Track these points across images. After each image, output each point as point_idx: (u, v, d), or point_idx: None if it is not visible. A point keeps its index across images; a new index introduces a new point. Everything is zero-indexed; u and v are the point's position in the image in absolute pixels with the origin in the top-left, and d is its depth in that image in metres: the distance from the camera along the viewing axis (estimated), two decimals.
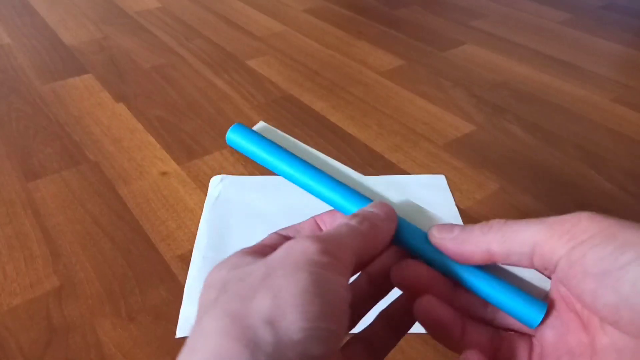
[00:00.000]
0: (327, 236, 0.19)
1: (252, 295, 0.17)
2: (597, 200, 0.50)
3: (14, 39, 0.83)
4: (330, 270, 0.17)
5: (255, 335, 0.15)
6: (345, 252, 0.19)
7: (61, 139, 0.58)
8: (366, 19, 0.93)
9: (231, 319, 0.16)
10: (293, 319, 0.16)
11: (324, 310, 0.16)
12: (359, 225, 0.20)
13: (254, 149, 0.24)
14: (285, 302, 0.16)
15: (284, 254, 0.18)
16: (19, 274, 0.42)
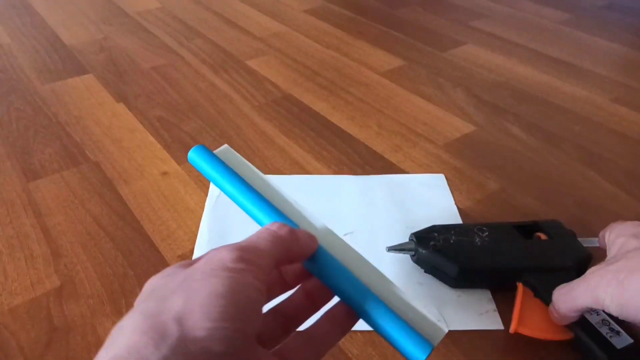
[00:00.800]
0: (245, 244, 0.21)
1: (168, 296, 0.19)
2: (597, 200, 0.50)
3: (14, 39, 0.83)
4: (243, 275, 0.19)
5: (164, 330, 0.17)
6: (261, 257, 0.21)
7: (61, 139, 0.58)
8: (366, 19, 0.93)
9: (144, 317, 0.18)
10: (198, 317, 0.17)
11: (228, 311, 0.18)
12: (277, 229, 0.23)
13: (209, 172, 0.27)
14: (194, 302, 0.18)
15: (204, 261, 0.20)
16: (19, 274, 0.42)
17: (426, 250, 0.39)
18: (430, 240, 0.40)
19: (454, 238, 0.39)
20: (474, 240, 0.39)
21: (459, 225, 0.42)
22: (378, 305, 0.22)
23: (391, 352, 0.36)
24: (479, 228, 0.41)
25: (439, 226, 0.41)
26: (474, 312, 0.38)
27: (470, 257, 0.38)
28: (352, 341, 0.37)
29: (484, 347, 0.36)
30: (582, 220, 0.48)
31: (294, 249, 0.23)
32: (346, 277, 0.24)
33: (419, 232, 0.41)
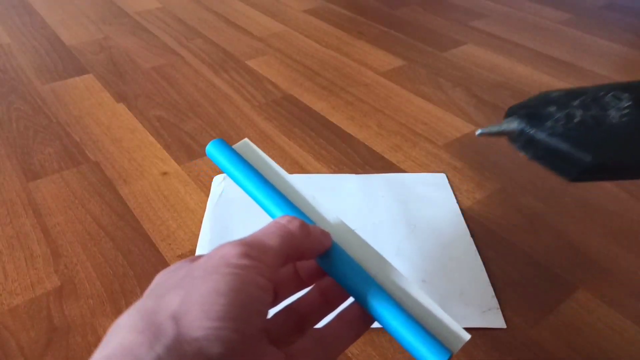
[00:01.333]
0: (251, 239, 0.20)
1: (166, 293, 0.18)
2: (598, 201, 0.50)
3: (14, 39, 0.83)
4: (247, 272, 0.18)
5: (159, 328, 0.16)
6: (267, 253, 0.20)
7: (61, 139, 0.58)
8: (366, 19, 0.93)
9: (141, 315, 0.17)
10: (195, 316, 0.17)
11: (229, 310, 0.17)
12: (287, 223, 0.22)
13: (228, 167, 0.26)
14: (192, 300, 0.17)
15: (207, 257, 0.19)
16: (19, 274, 0.42)
17: (543, 132, 0.27)
18: (546, 118, 0.27)
19: (581, 112, 0.27)
20: (609, 115, 0.27)
21: (580, 90, 0.29)
22: (394, 308, 0.21)
23: (391, 353, 0.36)
24: (613, 95, 0.28)
25: (553, 94, 0.29)
26: (477, 309, 0.38)
27: (609, 142, 0.26)
28: None
29: (485, 346, 0.36)
30: (582, 220, 0.48)
31: (304, 244, 0.22)
32: (360, 277, 0.22)
33: (522, 104, 0.29)
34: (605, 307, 0.39)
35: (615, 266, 0.43)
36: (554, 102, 0.28)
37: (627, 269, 0.43)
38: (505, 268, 0.42)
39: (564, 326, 0.38)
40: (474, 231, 0.46)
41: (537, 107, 0.28)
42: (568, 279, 0.42)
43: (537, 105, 0.28)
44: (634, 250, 0.44)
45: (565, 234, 0.46)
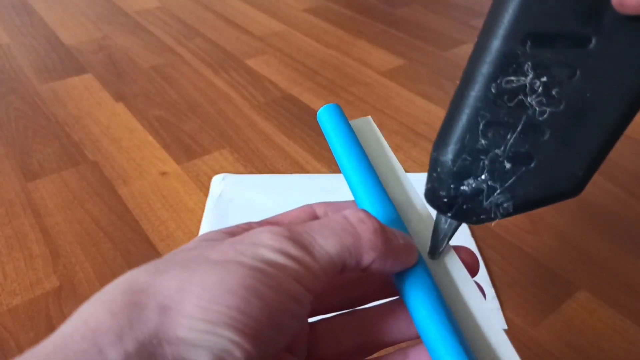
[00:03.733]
0: (300, 231, 0.15)
1: (167, 270, 0.14)
2: (600, 201, 0.50)
3: (13, 38, 0.83)
4: (278, 272, 0.14)
5: (139, 315, 0.13)
6: (316, 256, 0.15)
7: (60, 139, 0.58)
8: (366, 18, 0.93)
9: (124, 290, 0.14)
10: (188, 312, 0.13)
11: (233, 316, 0.13)
12: (357, 222, 0.16)
13: (331, 135, 0.22)
14: (191, 290, 0.13)
15: (238, 238, 0.15)
16: (18, 274, 0.42)
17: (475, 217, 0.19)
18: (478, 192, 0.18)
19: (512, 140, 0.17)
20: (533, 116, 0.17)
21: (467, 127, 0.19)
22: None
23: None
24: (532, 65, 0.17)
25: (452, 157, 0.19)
26: None
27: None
28: None
29: None
30: (583, 220, 0.48)
31: (374, 255, 0.16)
32: (440, 322, 0.16)
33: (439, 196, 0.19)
34: (606, 308, 0.39)
35: (616, 266, 0.43)
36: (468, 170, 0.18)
37: (628, 269, 0.43)
38: (506, 268, 0.42)
39: (564, 326, 0.38)
40: (475, 231, 0.46)
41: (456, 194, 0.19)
42: (569, 279, 0.42)
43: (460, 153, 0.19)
44: (634, 251, 0.44)
45: (566, 234, 0.46)
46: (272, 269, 0.14)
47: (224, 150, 0.56)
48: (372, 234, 0.16)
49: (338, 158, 0.21)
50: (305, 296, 0.15)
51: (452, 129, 0.17)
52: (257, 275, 0.14)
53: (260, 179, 0.52)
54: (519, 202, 0.17)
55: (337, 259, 0.15)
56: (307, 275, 0.15)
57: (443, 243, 0.19)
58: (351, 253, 0.16)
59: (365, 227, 0.16)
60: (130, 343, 0.12)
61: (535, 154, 0.17)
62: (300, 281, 0.14)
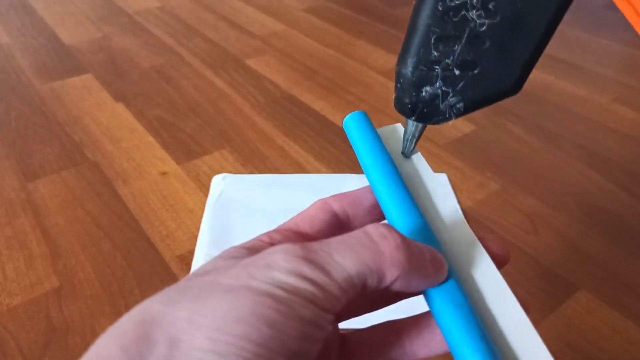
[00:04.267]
0: (317, 250, 0.15)
1: (179, 299, 0.14)
2: (598, 201, 0.50)
3: (13, 38, 0.83)
4: (292, 297, 0.13)
5: (148, 349, 0.13)
6: (334, 276, 0.14)
7: (60, 139, 0.58)
8: (366, 18, 0.93)
9: (137, 322, 0.14)
10: (198, 344, 0.13)
11: (243, 346, 0.13)
12: (378, 237, 0.15)
13: (363, 150, 0.22)
14: (201, 322, 0.13)
15: (252, 260, 0.15)
16: (18, 274, 0.42)
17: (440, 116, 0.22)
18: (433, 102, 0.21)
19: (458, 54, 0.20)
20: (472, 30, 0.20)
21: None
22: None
23: None
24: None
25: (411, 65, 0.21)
26: None
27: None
28: None
29: None
30: (583, 220, 0.48)
31: (398, 272, 0.15)
32: (473, 336, 0.15)
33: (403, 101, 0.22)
34: (606, 308, 0.39)
35: (617, 266, 0.43)
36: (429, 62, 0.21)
37: (628, 269, 0.43)
38: (506, 268, 0.42)
39: (564, 326, 0.38)
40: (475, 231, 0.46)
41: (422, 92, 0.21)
42: (569, 280, 0.42)
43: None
44: (635, 251, 0.44)
45: (566, 235, 0.46)
46: (285, 293, 0.14)
47: (224, 150, 0.56)
48: (395, 249, 0.15)
49: (365, 167, 0.21)
50: (324, 318, 0.14)
51: (410, 45, 0.20)
52: (268, 301, 0.13)
53: (260, 179, 0.52)
54: (468, 102, 0.20)
55: (356, 278, 0.14)
56: (324, 297, 0.14)
57: (412, 143, 0.22)
58: (372, 271, 0.15)
59: (387, 242, 0.15)
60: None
61: (479, 60, 0.20)
62: (317, 303, 0.14)
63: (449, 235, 0.19)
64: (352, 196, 0.20)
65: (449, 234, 0.19)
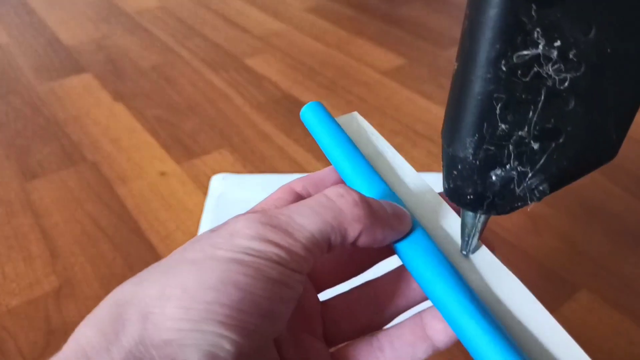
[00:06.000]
0: (277, 214, 0.15)
1: (148, 278, 0.14)
2: (602, 202, 0.50)
3: (12, 38, 0.83)
4: (258, 260, 0.14)
5: (123, 326, 0.13)
6: (297, 237, 0.15)
7: (59, 139, 0.58)
8: (367, 17, 0.93)
9: (110, 305, 0.14)
10: (170, 314, 0.13)
11: (215, 311, 0.13)
12: (336, 197, 0.16)
13: (322, 134, 0.22)
14: (171, 293, 0.14)
15: (215, 233, 0.15)
16: (17, 275, 0.41)
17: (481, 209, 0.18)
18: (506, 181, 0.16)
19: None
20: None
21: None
22: (489, 330, 0.15)
23: None
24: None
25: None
26: None
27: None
28: None
29: None
30: (584, 220, 0.47)
31: (360, 227, 0.16)
32: (446, 276, 0.16)
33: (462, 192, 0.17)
34: (607, 308, 0.39)
35: (617, 266, 0.43)
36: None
37: (628, 270, 0.42)
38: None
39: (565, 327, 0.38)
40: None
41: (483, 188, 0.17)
42: (570, 280, 0.42)
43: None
44: (636, 251, 0.44)
45: (567, 235, 0.46)
46: (250, 257, 0.14)
47: (224, 150, 0.56)
48: (354, 206, 0.16)
49: (325, 148, 0.21)
50: (292, 278, 0.14)
51: (465, 120, 0.15)
52: (234, 267, 0.14)
53: (260, 179, 0.52)
54: (554, 180, 0.16)
55: (319, 237, 0.15)
56: (289, 257, 0.14)
57: (474, 239, 0.18)
58: (334, 228, 0.15)
59: (344, 200, 0.16)
60: (117, 354, 0.13)
61: (563, 126, 0.15)
62: (283, 264, 0.14)
63: (415, 198, 0.20)
64: (315, 177, 0.21)
65: (415, 197, 0.20)
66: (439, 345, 0.18)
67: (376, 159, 0.21)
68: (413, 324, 0.18)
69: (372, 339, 0.18)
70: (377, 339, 0.18)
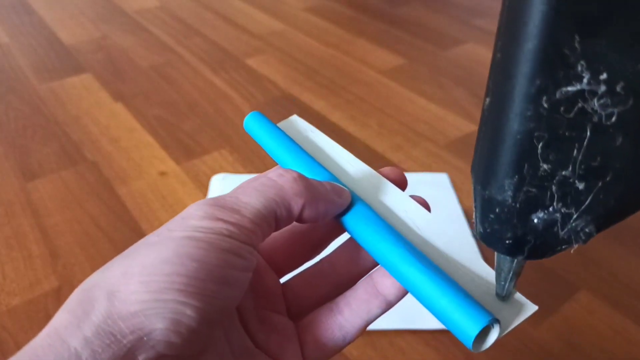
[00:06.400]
0: (222, 197, 0.17)
1: (111, 264, 0.16)
2: None
3: (12, 38, 0.83)
4: (209, 234, 0.15)
5: (91, 305, 0.14)
6: (243, 213, 0.16)
7: (59, 139, 0.58)
8: (367, 17, 0.93)
9: (78, 291, 0.15)
10: (134, 289, 0.14)
11: (174, 281, 0.14)
12: (277, 177, 0.18)
13: (266, 140, 0.24)
14: (133, 271, 0.15)
15: (171, 220, 0.16)
16: (17, 274, 0.41)
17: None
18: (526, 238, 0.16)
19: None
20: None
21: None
22: (421, 269, 0.18)
23: (392, 354, 0.36)
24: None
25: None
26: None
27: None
28: (352, 342, 0.36)
29: None
30: None
31: (303, 202, 0.17)
32: (385, 235, 0.19)
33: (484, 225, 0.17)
34: (607, 308, 0.39)
35: (617, 267, 0.43)
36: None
37: (628, 270, 0.42)
38: None
39: (565, 327, 0.38)
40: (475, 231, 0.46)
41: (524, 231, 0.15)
42: (570, 280, 0.41)
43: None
44: (635, 251, 0.44)
45: None
46: (202, 233, 0.15)
47: (224, 150, 0.56)
48: (293, 182, 0.18)
49: (270, 151, 0.23)
50: (243, 249, 0.16)
51: (503, 161, 0.14)
52: (188, 242, 0.15)
53: None
54: (601, 220, 0.15)
55: (265, 211, 0.17)
56: (239, 231, 0.16)
57: (512, 283, 0.17)
58: (278, 203, 0.17)
59: (285, 178, 0.18)
60: (87, 329, 0.14)
61: (610, 163, 0.14)
62: (234, 237, 0.16)
63: (357, 179, 0.22)
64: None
65: (356, 178, 0.22)
66: (391, 299, 0.20)
67: (319, 153, 0.24)
68: (365, 284, 0.20)
69: (332, 305, 0.20)
70: (336, 303, 0.20)
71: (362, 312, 0.20)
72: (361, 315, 0.20)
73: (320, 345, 0.20)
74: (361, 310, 0.20)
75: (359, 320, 0.20)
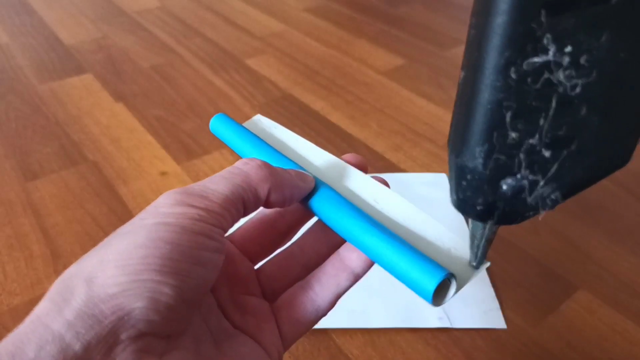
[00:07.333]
0: (192, 185, 0.18)
1: (88, 255, 0.16)
2: (600, 201, 0.50)
3: (12, 38, 0.83)
4: (179, 219, 0.16)
5: (70, 292, 0.15)
6: (211, 198, 0.17)
7: (60, 139, 0.58)
8: (366, 17, 0.93)
9: (58, 282, 0.16)
10: (111, 273, 0.15)
11: (149, 262, 0.15)
12: (242, 165, 0.19)
13: (232, 139, 0.25)
14: (109, 258, 0.16)
15: (143, 210, 0.17)
16: (18, 274, 0.42)
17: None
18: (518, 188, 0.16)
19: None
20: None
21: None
22: (382, 236, 0.19)
23: (392, 353, 0.36)
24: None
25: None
26: (478, 310, 0.38)
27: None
28: (352, 341, 0.36)
29: (485, 347, 0.36)
30: (583, 220, 0.48)
31: (268, 187, 0.19)
32: (349, 214, 0.20)
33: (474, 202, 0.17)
34: (607, 308, 0.39)
35: (617, 266, 0.43)
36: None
37: (628, 269, 0.43)
38: (506, 268, 0.42)
39: (564, 326, 0.38)
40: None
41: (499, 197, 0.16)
42: (569, 279, 0.42)
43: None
44: (635, 250, 0.44)
45: (566, 234, 0.46)
46: (173, 219, 0.16)
47: (224, 150, 0.56)
48: (258, 169, 0.19)
49: (237, 149, 0.24)
50: (214, 231, 0.17)
51: (474, 129, 0.15)
52: (161, 227, 0.16)
53: None
54: (567, 188, 0.15)
55: (233, 197, 0.18)
56: (208, 215, 0.17)
57: (486, 249, 0.18)
58: (245, 189, 0.18)
59: (250, 166, 0.19)
60: (69, 313, 0.15)
61: (575, 133, 0.15)
62: (204, 220, 0.17)
63: (322, 168, 0.23)
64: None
65: (321, 167, 0.23)
66: (358, 271, 0.21)
67: (284, 147, 0.25)
68: (333, 260, 0.21)
69: (303, 283, 0.21)
70: (307, 281, 0.21)
71: (331, 286, 0.21)
72: (331, 289, 0.21)
73: (294, 321, 0.21)
74: (330, 284, 0.21)
75: (329, 294, 0.21)
